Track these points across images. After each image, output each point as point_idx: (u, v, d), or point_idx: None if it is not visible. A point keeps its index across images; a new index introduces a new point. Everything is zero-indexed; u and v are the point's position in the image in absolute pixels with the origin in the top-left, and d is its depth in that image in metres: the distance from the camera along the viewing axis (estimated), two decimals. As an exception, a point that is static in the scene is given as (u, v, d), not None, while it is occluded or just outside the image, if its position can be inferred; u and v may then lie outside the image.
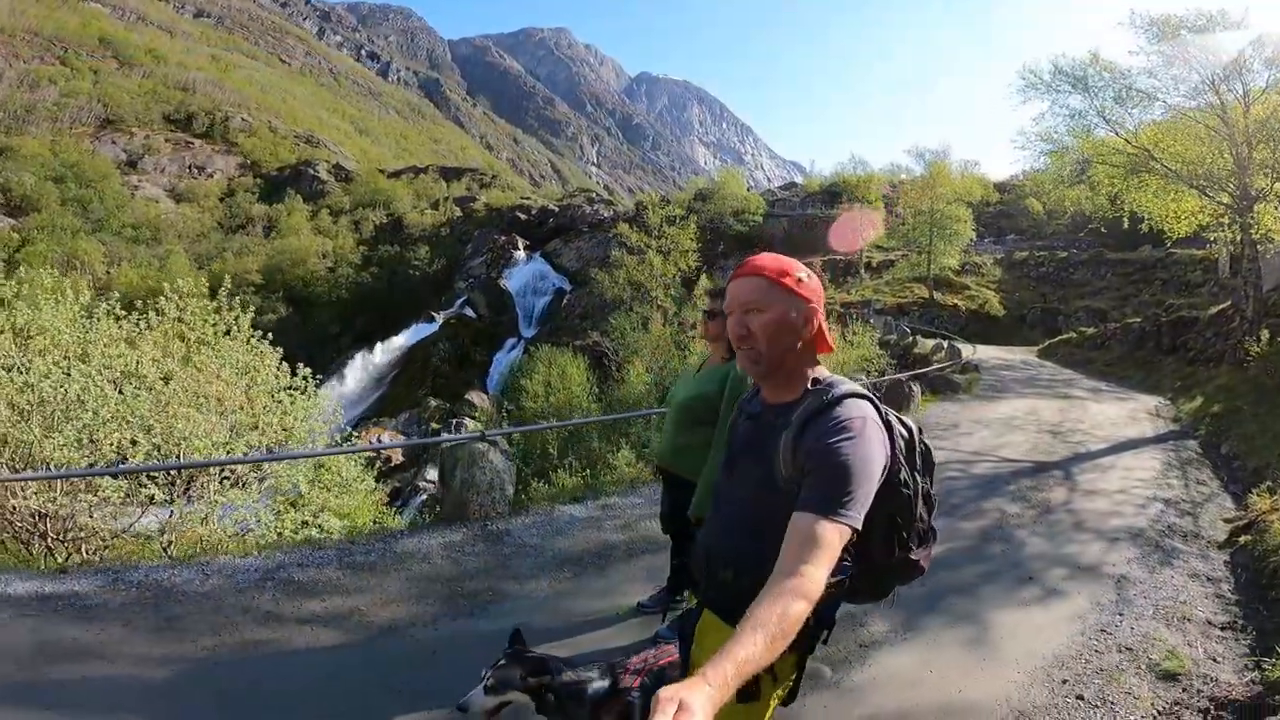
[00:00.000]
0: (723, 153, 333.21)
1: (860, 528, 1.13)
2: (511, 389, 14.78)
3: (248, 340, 5.93)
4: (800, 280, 1.27)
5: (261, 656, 2.92)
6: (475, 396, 24.03)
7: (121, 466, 4.52)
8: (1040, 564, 4.26)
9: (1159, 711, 2.68)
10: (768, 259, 1.29)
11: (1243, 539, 4.53)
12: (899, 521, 1.31)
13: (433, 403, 25.03)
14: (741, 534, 1.33)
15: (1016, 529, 4.93)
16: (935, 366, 13.18)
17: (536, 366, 13.32)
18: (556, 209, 44.08)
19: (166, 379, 5.36)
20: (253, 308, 6.96)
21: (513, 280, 35.88)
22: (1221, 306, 16.12)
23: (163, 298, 5.69)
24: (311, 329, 34.63)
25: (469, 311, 33.20)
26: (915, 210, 26.30)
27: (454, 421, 22.50)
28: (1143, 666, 3.03)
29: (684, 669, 1.46)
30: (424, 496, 14.04)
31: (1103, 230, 32.22)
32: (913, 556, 1.36)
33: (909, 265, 27.97)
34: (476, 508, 4.65)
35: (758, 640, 0.94)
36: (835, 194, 38.96)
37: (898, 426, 1.33)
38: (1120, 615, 3.52)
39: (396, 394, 29.32)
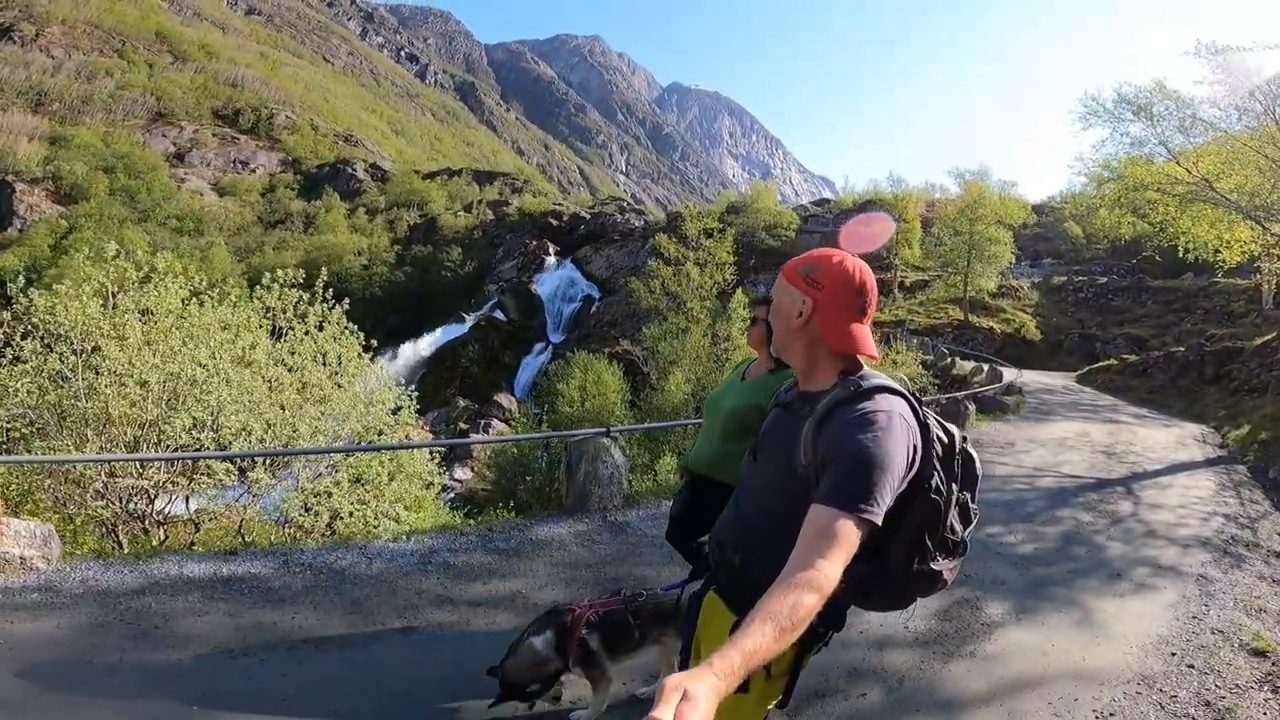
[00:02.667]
0: (751, 165, 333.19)
1: (880, 523, 1.09)
2: (545, 392, 14.92)
3: (343, 332, 6.15)
4: (802, 271, 1.27)
5: (453, 637, 3.07)
6: (504, 399, 24.30)
7: (227, 452, 4.74)
8: (1123, 563, 4.76)
9: (1258, 679, 3.23)
10: (809, 254, 1.31)
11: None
12: (925, 529, 1.24)
13: (461, 402, 25.33)
14: (756, 520, 1.32)
15: (1093, 534, 5.42)
16: (988, 388, 13.29)
17: (572, 371, 13.46)
18: (588, 216, 44.46)
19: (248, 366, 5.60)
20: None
21: (543, 285, 36.25)
22: (1267, 338, 16.43)
23: (260, 286, 5.93)
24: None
25: (499, 314, 33.60)
26: (954, 230, 26.04)
27: (482, 422, 22.73)
28: (1235, 645, 3.57)
29: (686, 649, 1.45)
30: (452, 495, 14.25)
31: (1146, 256, 31.66)
32: (935, 567, 1.29)
33: (944, 286, 27.67)
34: (597, 499, 4.97)
35: (766, 631, 0.93)
36: (868, 210, 38.79)
37: (936, 430, 1.27)
38: (1206, 606, 4.06)
39: (424, 393, 29.68)
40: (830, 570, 1.01)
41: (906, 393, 1.23)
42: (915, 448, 1.19)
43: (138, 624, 3.00)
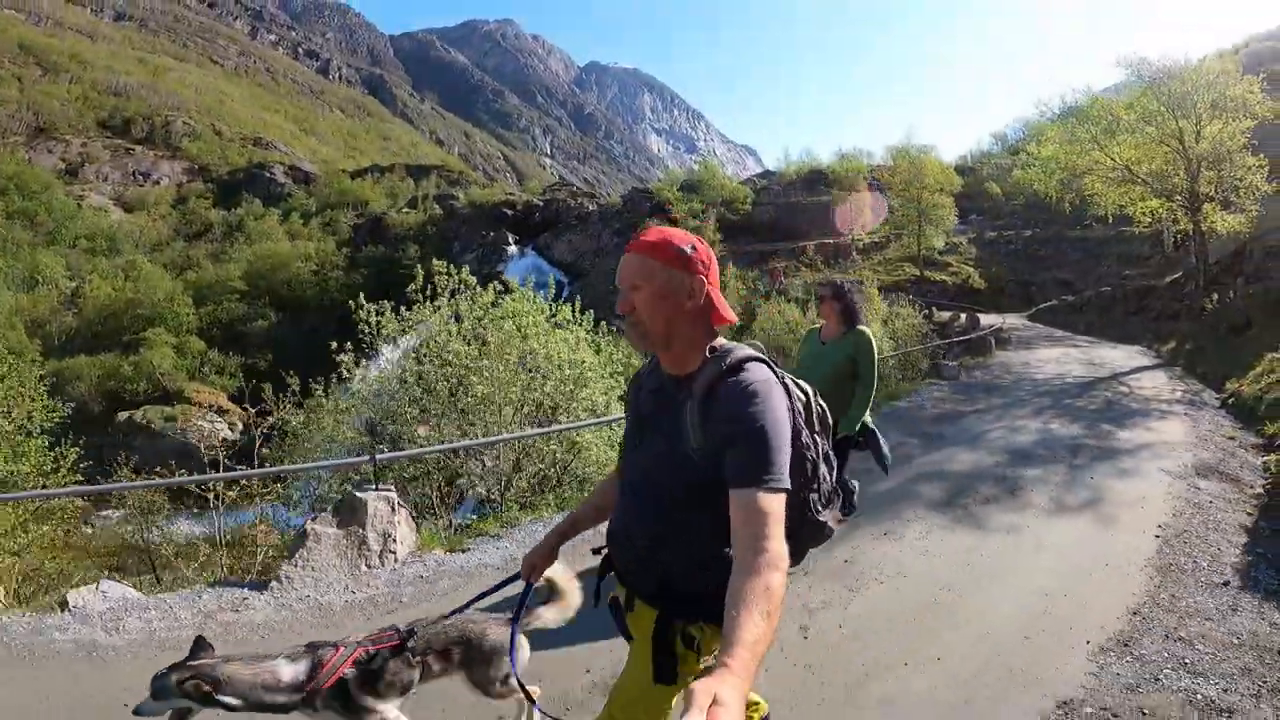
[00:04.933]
0: (675, 139, 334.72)
1: (790, 486, 1.12)
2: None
3: (585, 334, 6.77)
4: (683, 253, 1.24)
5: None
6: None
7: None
8: (1147, 409, 8.66)
9: (1239, 444, 6.78)
10: (652, 233, 1.27)
11: (1230, 400, 8.92)
12: (804, 484, 1.29)
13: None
14: (646, 506, 1.32)
15: (1122, 398, 9.44)
16: (989, 329, 16.44)
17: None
18: (541, 204, 44.26)
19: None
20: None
21: (512, 274, 36.07)
22: (1174, 276, 20.62)
23: (492, 291, 6.49)
24: (305, 333, 34.06)
25: (470, 308, 33.12)
26: (904, 199, 28.43)
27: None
28: (1220, 434, 7.15)
29: (623, 633, 1.43)
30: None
31: (1058, 211, 34.98)
32: (820, 518, 1.34)
33: (901, 247, 29.96)
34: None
35: (757, 619, 0.93)
36: (813, 181, 40.52)
37: (794, 390, 1.32)
38: (1196, 423, 7.67)
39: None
40: (777, 545, 1.03)
41: (767, 358, 1.27)
42: (790, 406, 1.23)
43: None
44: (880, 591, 3.53)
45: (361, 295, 6.93)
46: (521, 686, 1.74)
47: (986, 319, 19.38)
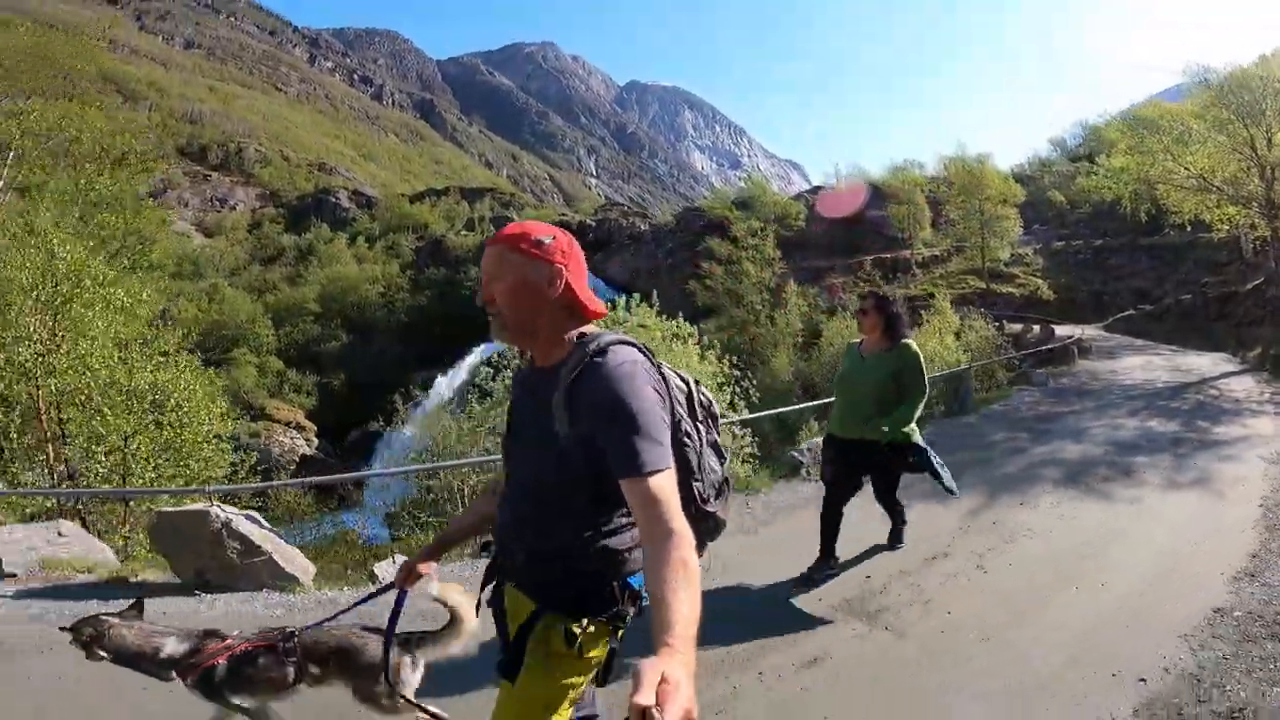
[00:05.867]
0: (719, 156, 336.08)
1: (672, 464, 1.12)
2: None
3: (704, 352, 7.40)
4: (540, 243, 1.24)
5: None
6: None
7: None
8: (1240, 410, 8.64)
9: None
10: (510, 227, 1.29)
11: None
12: (687, 473, 1.28)
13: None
14: (524, 502, 1.32)
15: (1214, 401, 9.59)
16: (1069, 339, 16.52)
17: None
18: (593, 224, 45.50)
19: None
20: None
21: (569, 294, 37.14)
22: (1256, 282, 20.34)
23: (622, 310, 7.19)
24: (376, 353, 35.83)
25: (530, 325, 34.20)
26: (965, 212, 28.48)
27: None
28: None
29: (503, 639, 1.40)
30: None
31: (1132, 218, 34.23)
32: (709, 509, 1.34)
33: (964, 260, 29.92)
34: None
35: (682, 595, 0.93)
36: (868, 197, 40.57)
37: (674, 379, 1.31)
38: None
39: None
40: (678, 523, 1.03)
41: (636, 342, 1.26)
42: (661, 391, 1.22)
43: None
44: (1032, 543, 4.16)
45: (426, 316, 7.67)
46: (418, 706, 1.84)
47: (1061, 329, 19.34)
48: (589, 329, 1.30)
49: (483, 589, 1.46)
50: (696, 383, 1.38)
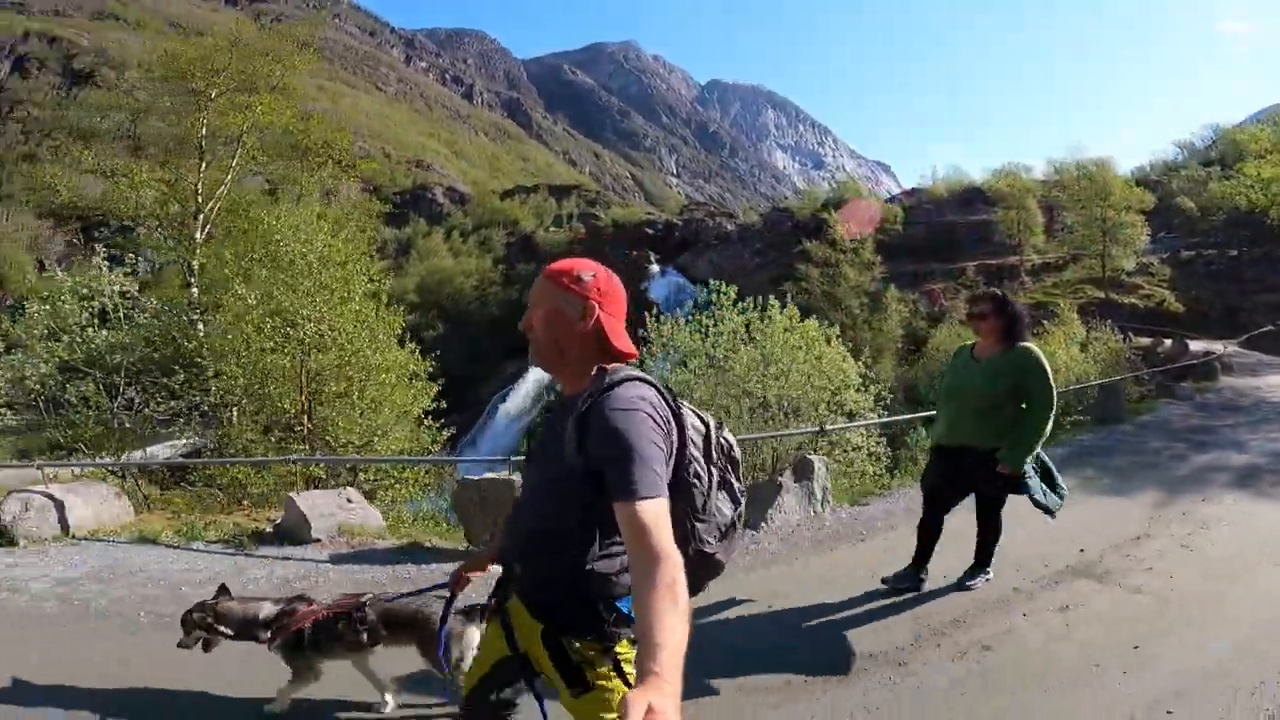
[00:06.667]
0: (802, 156, 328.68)
1: (666, 493, 1.14)
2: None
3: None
4: (579, 279, 1.30)
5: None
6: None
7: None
8: None
9: None
10: (559, 262, 1.36)
11: None
12: (689, 513, 1.31)
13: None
14: (532, 522, 1.36)
15: None
16: (1209, 355, 15.68)
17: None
18: (680, 223, 45.68)
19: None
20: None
21: (656, 292, 37.63)
22: None
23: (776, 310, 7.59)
24: (468, 342, 37.54)
25: (618, 323, 34.92)
26: (1084, 218, 26.76)
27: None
28: None
29: (512, 644, 1.43)
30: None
31: (1273, 226, 31.03)
32: (708, 551, 1.35)
33: (1082, 268, 28.16)
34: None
35: (669, 619, 0.95)
36: (968, 199, 38.68)
37: (691, 419, 1.33)
38: None
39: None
40: (666, 546, 1.05)
41: (655, 381, 1.29)
42: (668, 427, 1.24)
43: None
44: (1227, 529, 4.45)
45: (516, 310, 8.16)
46: (454, 679, 2.09)
47: (1195, 344, 18.19)
48: (614, 365, 1.32)
49: (491, 598, 1.51)
50: (720, 425, 1.40)
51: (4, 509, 4.95)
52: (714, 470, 1.34)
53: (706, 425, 1.36)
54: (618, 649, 1.28)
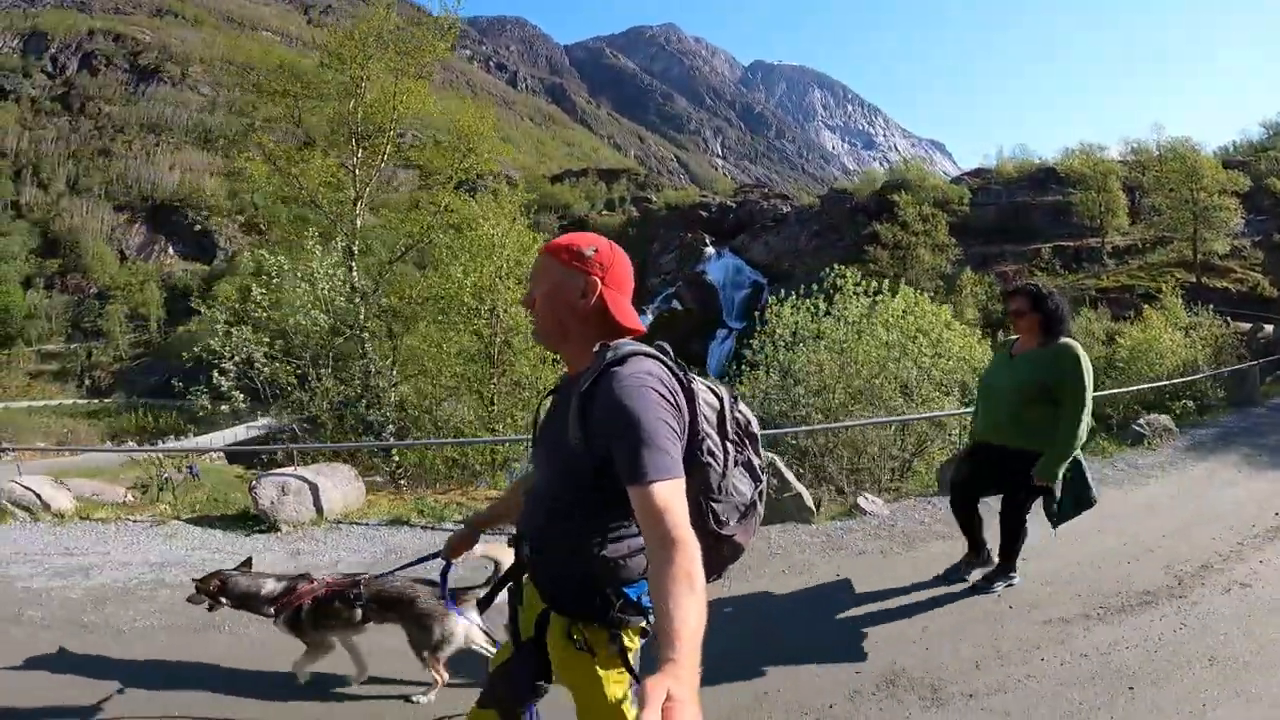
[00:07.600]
0: (851, 136, 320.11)
1: (682, 473, 1.10)
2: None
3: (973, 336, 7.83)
4: (580, 255, 1.26)
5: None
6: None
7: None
8: None
9: None
10: (560, 238, 1.32)
11: None
12: (704, 493, 1.24)
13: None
14: (543, 505, 1.33)
15: None
16: None
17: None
18: (734, 205, 45.36)
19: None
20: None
21: (713, 273, 37.67)
22: None
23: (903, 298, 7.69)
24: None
25: (676, 304, 35.29)
26: (1174, 200, 25.76)
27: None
28: None
29: (514, 624, 1.44)
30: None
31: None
32: (725, 533, 1.28)
33: (1170, 251, 27.14)
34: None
35: (686, 606, 0.92)
36: (1040, 180, 37.15)
37: (704, 394, 1.27)
38: None
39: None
40: (682, 532, 1.02)
41: (661, 355, 1.24)
42: (677, 402, 1.18)
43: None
44: None
45: None
46: (437, 668, 2.27)
47: None
48: (618, 340, 1.25)
49: (505, 578, 1.51)
50: (735, 399, 1.34)
51: (259, 494, 4.87)
52: (730, 447, 1.28)
53: (720, 399, 1.30)
54: (624, 638, 1.25)
